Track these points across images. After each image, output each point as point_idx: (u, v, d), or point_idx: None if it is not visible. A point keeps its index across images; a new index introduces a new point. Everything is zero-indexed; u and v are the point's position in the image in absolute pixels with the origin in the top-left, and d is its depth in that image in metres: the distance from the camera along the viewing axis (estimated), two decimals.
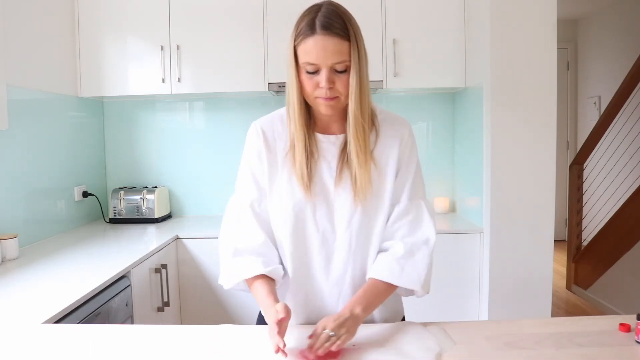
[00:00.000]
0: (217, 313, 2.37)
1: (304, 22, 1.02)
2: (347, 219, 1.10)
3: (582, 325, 1.11)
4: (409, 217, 1.13)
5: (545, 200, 2.26)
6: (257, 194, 1.14)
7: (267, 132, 1.14)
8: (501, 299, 2.29)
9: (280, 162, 1.12)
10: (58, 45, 2.42)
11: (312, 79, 1.02)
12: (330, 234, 1.11)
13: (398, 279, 1.07)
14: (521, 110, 2.23)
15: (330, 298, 1.14)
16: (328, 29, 0.99)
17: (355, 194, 1.08)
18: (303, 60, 1.02)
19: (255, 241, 1.11)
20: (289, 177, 1.10)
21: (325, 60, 1.00)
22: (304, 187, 1.08)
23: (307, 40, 1.00)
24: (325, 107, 1.05)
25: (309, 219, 1.10)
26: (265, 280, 1.07)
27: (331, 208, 1.11)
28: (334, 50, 1.00)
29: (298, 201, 1.09)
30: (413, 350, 0.98)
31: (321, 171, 1.11)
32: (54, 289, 1.52)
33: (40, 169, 2.27)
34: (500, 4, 2.21)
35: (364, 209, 1.10)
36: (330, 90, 1.02)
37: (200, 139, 2.91)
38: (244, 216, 1.13)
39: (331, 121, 1.12)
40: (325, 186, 1.11)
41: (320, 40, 0.99)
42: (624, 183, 3.80)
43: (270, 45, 2.54)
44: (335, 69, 1.02)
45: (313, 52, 1.00)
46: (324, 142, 1.11)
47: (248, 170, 1.15)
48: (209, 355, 0.99)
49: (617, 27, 4.44)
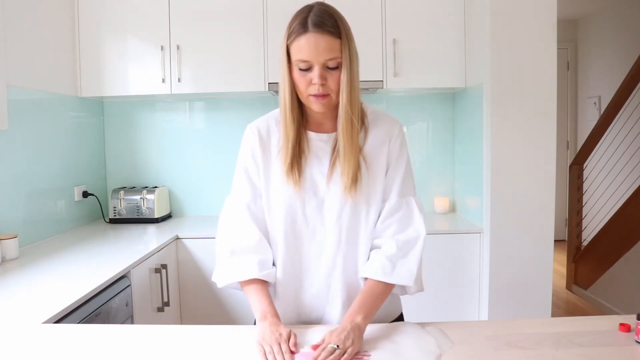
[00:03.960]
0: (217, 313, 2.37)
1: (297, 21, 1.05)
2: (337, 213, 1.13)
3: (582, 325, 1.11)
4: (399, 214, 1.14)
5: (545, 200, 2.26)
6: (252, 193, 1.17)
7: (262, 131, 1.17)
8: (501, 299, 2.29)
9: (274, 160, 1.15)
10: (58, 45, 2.42)
11: (305, 76, 1.05)
12: (320, 228, 1.14)
13: (390, 277, 1.09)
14: (521, 110, 2.23)
15: (320, 293, 1.16)
16: (320, 27, 1.03)
17: (344, 188, 1.10)
18: (296, 58, 1.05)
19: (251, 239, 1.14)
20: (282, 175, 1.12)
21: (318, 57, 1.03)
22: (294, 182, 1.11)
23: (299, 38, 1.04)
24: (318, 105, 1.08)
25: (299, 215, 1.13)
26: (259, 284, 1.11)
27: (321, 203, 1.13)
28: (326, 47, 1.03)
29: (288, 197, 1.12)
30: (412, 352, 0.98)
31: (312, 168, 1.13)
32: (54, 289, 1.52)
33: (40, 169, 2.27)
34: (500, 4, 2.21)
35: (354, 204, 1.12)
36: (322, 87, 1.05)
37: (200, 139, 2.91)
38: (240, 215, 1.16)
39: (324, 119, 1.15)
40: (315, 182, 1.13)
41: (312, 38, 1.03)
42: (624, 183, 3.80)
43: (270, 45, 2.54)
44: (327, 66, 1.05)
45: (306, 49, 1.03)
46: (316, 140, 1.14)
47: (243, 170, 1.18)
48: (209, 355, 0.99)
49: (617, 27, 4.44)
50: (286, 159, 1.11)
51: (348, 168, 1.09)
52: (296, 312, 1.17)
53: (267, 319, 1.04)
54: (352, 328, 0.99)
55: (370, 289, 1.09)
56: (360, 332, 1.01)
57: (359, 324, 1.02)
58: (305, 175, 1.12)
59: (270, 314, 1.05)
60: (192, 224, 2.68)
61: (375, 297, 1.09)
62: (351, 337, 0.97)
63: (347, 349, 0.95)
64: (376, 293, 1.09)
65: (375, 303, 1.09)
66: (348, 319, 1.03)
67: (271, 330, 0.99)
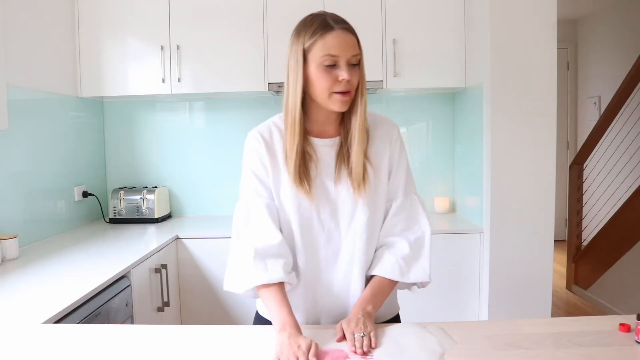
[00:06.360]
0: (217, 313, 2.37)
1: (316, 23, 1.07)
2: (350, 215, 1.14)
3: (582, 325, 1.11)
4: (405, 212, 1.20)
5: (545, 200, 2.26)
6: (267, 194, 1.15)
7: (266, 136, 1.17)
8: (501, 299, 2.29)
9: (281, 165, 1.14)
10: (58, 45, 2.42)
11: (330, 73, 1.06)
12: (335, 231, 1.15)
13: (408, 277, 1.14)
14: (521, 110, 2.23)
15: (340, 293, 1.17)
16: (344, 24, 1.09)
17: (354, 189, 1.12)
18: (323, 54, 1.06)
19: (274, 240, 1.11)
20: (291, 182, 1.12)
21: (345, 52, 1.06)
22: (305, 192, 1.11)
23: (326, 35, 1.06)
24: (340, 103, 1.09)
25: (315, 220, 1.14)
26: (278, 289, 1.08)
27: (334, 207, 1.14)
28: (351, 44, 1.07)
29: (301, 205, 1.12)
30: (416, 351, 0.98)
31: (321, 174, 1.14)
32: (54, 289, 1.52)
33: (40, 169, 2.27)
34: (500, 4, 2.21)
35: (365, 204, 1.14)
36: (348, 83, 1.07)
37: (200, 139, 2.91)
38: (260, 216, 1.13)
39: (327, 124, 1.16)
40: (326, 188, 1.14)
41: (340, 34, 1.06)
42: (624, 183, 3.80)
43: (270, 45, 2.54)
44: (350, 63, 1.07)
45: (334, 44, 1.05)
46: (321, 146, 1.15)
47: (252, 174, 1.16)
48: (209, 355, 0.99)
49: (617, 27, 4.44)
50: (295, 169, 1.10)
51: (357, 169, 1.11)
52: (314, 313, 1.17)
53: (287, 330, 0.99)
54: (364, 315, 1.05)
55: (381, 283, 1.14)
56: (372, 320, 1.07)
57: (370, 312, 1.07)
58: (316, 183, 1.13)
59: (290, 324, 1.01)
60: (192, 224, 2.68)
61: (386, 291, 1.15)
62: (368, 324, 1.03)
63: (369, 333, 1.01)
64: (386, 288, 1.15)
65: (385, 296, 1.15)
66: (359, 307, 1.08)
67: (290, 343, 0.95)
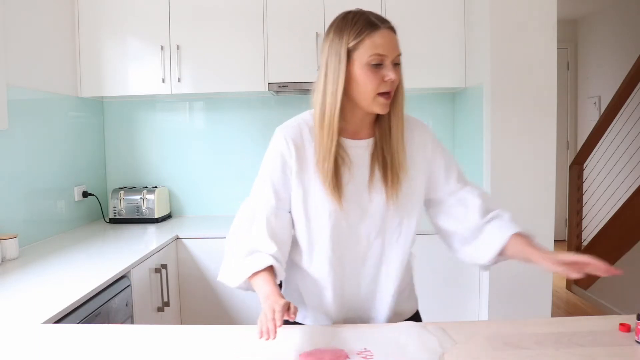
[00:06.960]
0: (217, 313, 2.37)
1: (360, 22, 1.05)
2: (380, 221, 1.13)
3: (582, 325, 1.11)
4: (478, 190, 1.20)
5: (545, 200, 2.25)
6: (276, 204, 1.12)
7: (297, 141, 1.11)
8: (501, 299, 2.29)
9: (312, 168, 1.10)
10: (58, 45, 2.42)
11: (377, 73, 1.04)
12: (364, 236, 1.13)
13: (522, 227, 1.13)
14: (521, 110, 2.23)
15: (367, 296, 1.17)
16: (388, 23, 1.07)
17: (387, 196, 1.10)
18: (371, 53, 1.03)
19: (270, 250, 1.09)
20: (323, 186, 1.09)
21: (393, 51, 1.05)
22: (336, 197, 1.08)
23: (373, 34, 1.04)
24: (383, 105, 1.07)
25: (343, 225, 1.12)
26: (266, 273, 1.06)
27: (365, 211, 1.12)
28: (396, 44, 1.07)
29: (332, 210, 1.10)
30: (416, 351, 0.98)
31: (354, 178, 1.11)
32: (54, 289, 1.52)
33: (40, 169, 2.27)
34: (500, 4, 2.21)
35: (396, 209, 1.12)
36: (392, 83, 1.05)
37: (200, 139, 2.91)
38: (258, 226, 1.11)
39: (362, 125, 1.13)
40: (359, 193, 1.11)
41: (387, 33, 1.05)
42: (624, 183, 3.80)
43: (270, 45, 2.54)
44: (394, 62, 1.06)
45: (383, 43, 1.04)
46: (354, 148, 1.11)
47: (269, 179, 1.13)
48: (209, 355, 0.99)
49: (617, 27, 4.44)
50: (328, 174, 1.07)
51: (393, 174, 1.09)
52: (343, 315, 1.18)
53: (270, 298, 0.98)
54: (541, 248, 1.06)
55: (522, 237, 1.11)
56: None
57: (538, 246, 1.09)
58: (349, 188, 1.10)
59: (273, 293, 0.99)
60: (192, 224, 2.68)
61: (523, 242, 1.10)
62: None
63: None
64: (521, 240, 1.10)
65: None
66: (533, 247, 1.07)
67: (269, 304, 0.94)
